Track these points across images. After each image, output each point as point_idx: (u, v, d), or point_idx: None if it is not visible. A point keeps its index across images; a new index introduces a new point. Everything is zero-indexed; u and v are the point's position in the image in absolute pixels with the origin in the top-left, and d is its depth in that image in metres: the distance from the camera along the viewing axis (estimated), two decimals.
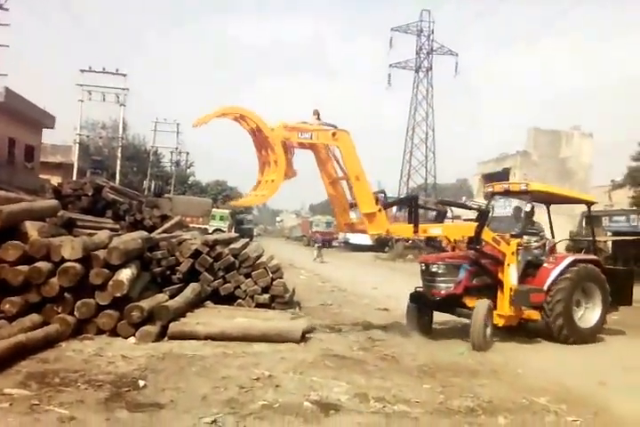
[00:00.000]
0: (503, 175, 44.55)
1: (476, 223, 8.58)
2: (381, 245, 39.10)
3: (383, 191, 8.74)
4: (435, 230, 8.75)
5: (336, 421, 4.65)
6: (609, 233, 27.41)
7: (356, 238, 41.60)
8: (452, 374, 6.37)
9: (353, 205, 8.38)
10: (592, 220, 10.81)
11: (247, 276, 9.47)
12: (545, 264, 9.12)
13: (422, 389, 5.72)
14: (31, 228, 7.62)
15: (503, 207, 10.28)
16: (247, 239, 11.87)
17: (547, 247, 9.56)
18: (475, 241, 8.51)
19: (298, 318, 8.58)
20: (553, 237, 10.14)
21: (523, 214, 9.59)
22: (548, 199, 10.30)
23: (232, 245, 9.94)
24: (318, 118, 8.31)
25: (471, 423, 4.81)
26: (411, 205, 8.48)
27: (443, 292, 8.66)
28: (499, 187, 9.90)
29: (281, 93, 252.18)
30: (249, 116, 7.76)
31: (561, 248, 12.90)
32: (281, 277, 9.71)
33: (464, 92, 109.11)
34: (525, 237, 9.25)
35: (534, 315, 8.83)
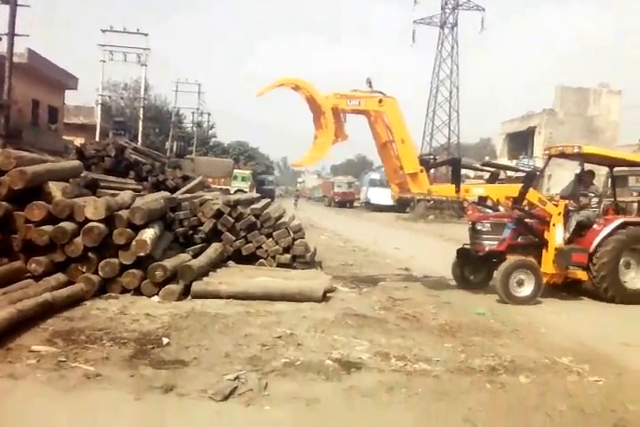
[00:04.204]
0: (528, 134, 43.71)
1: (521, 184, 8.89)
2: (402, 205, 38.93)
3: (433, 154, 9.18)
4: (477, 190, 9.41)
5: (357, 378, 4.68)
6: (634, 193, 26.88)
7: (376, 199, 41.49)
8: (473, 334, 6.36)
9: (402, 167, 8.90)
10: (615, 179, 10.61)
11: (269, 236, 9.49)
12: (594, 226, 9.15)
13: (443, 348, 5.73)
14: (55, 188, 7.65)
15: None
16: (268, 200, 11.85)
17: (600, 209, 9.51)
18: (519, 201, 8.87)
19: (319, 277, 8.62)
20: (615, 200, 10.08)
21: (573, 177, 9.80)
22: (606, 162, 10.16)
23: (253, 206, 9.94)
24: (370, 86, 8.91)
25: (492, 382, 4.80)
26: (454, 166, 9.13)
27: (486, 249, 9.00)
28: (554, 150, 9.99)
29: (300, 51, 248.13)
30: (303, 86, 8.59)
31: None
32: (302, 238, 9.72)
33: (490, 49, 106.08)
34: (583, 199, 9.42)
35: (581, 275, 9.02)
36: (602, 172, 10.53)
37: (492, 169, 9.88)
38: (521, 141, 45.46)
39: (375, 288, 8.95)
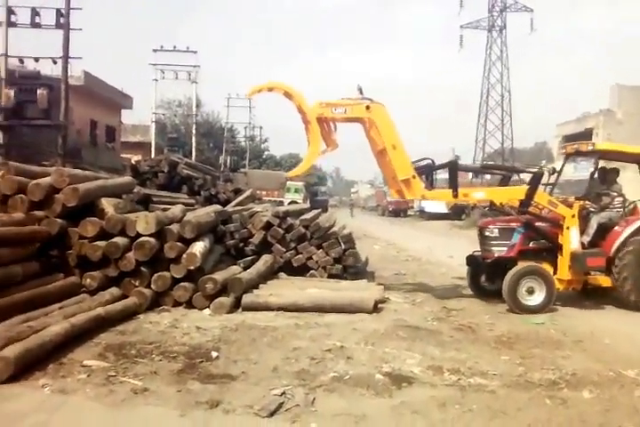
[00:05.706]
0: (585, 136, 42.18)
1: (527, 186, 8.44)
2: (457, 213, 38.22)
3: (431, 159, 8.88)
4: (477, 194, 8.97)
5: (408, 393, 4.52)
6: None
7: (430, 207, 40.86)
8: (532, 345, 6.08)
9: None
10: None
11: (319, 247, 9.42)
12: (616, 227, 8.51)
13: (500, 360, 5.49)
14: (107, 204, 7.84)
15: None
16: (319, 210, 11.79)
17: (624, 210, 8.80)
18: (525, 204, 8.37)
19: (370, 287, 8.47)
20: None
21: (590, 176, 9.13)
22: (630, 159, 9.33)
23: (303, 217, 9.91)
24: (361, 93, 8.66)
25: (552, 397, 4.53)
26: (450, 170, 8.64)
27: (495, 255, 8.51)
28: (570, 148, 9.42)
29: (352, 61, 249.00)
30: (291, 93, 8.43)
31: None
32: (353, 248, 9.61)
33: (541, 51, 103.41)
34: (605, 199, 8.76)
35: (603, 280, 8.39)
36: None
37: (495, 171, 9.32)
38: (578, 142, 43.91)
39: (429, 298, 8.73)
